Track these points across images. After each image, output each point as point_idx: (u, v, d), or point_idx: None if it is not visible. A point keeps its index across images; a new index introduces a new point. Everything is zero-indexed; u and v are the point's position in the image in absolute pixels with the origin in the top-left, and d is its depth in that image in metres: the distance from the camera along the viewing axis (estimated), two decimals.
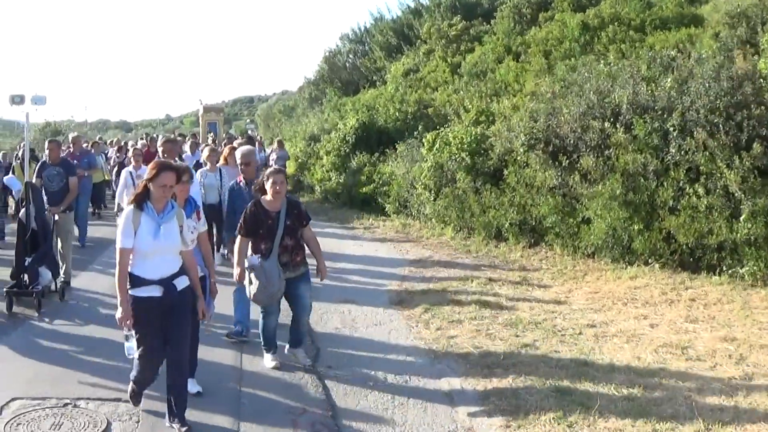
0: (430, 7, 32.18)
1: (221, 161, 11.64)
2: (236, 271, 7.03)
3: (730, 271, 9.69)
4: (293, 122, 32.26)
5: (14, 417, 5.90)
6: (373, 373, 7.05)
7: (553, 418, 5.67)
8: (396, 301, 9.76)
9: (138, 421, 5.84)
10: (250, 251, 6.97)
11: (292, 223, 6.95)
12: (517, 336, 7.87)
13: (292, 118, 34.48)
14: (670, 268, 10.32)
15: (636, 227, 10.69)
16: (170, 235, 5.52)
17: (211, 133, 21.83)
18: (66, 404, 6.16)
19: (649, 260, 10.66)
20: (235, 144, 13.25)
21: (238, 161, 8.51)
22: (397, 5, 61.75)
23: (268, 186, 6.93)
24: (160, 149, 9.43)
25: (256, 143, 19.47)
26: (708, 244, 9.91)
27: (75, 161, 13.25)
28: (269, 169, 7.15)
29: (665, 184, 10.43)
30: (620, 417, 5.66)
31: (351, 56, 36.37)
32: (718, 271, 9.81)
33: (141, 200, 5.46)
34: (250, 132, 44.30)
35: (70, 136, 16.64)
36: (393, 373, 6.99)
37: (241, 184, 8.27)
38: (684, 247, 10.22)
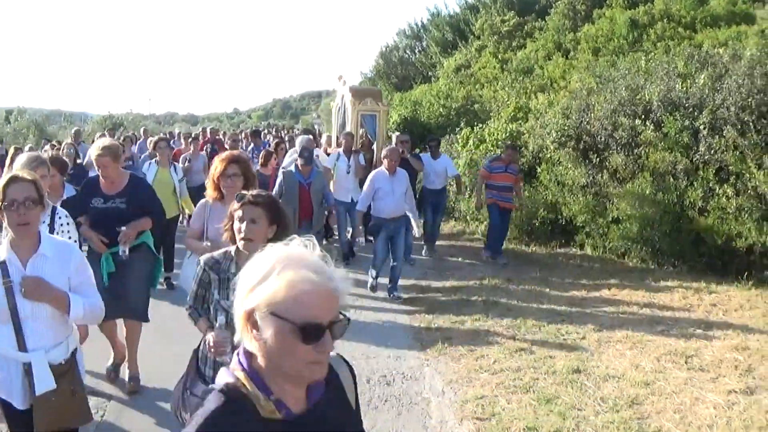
0: (486, 2, 31.68)
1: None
2: None
3: (759, 276, 9.20)
4: None
5: None
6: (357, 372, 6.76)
7: (525, 428, 5.34)
8: (405, 300, 9.41)
9: (102, 416, 5.72)
10: None
11: None
12: (515, 339, 7.48)
13: None
14: (698, 272, 9.85)
15: (665, 228, 10.23)
16: None
17: (364, 131, 16.16)
18: None
19: (677, 263, 10.19)
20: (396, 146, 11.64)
21: None
22: (455, 1, 60.32)
23: None
24: None
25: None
26: (737, 247, 9.42)
27: None
28: None
29: (695, 184, 9.97)
30: None
31: (407, 52, 36.03)
32: (746, 275, 9.29)
33: None
34: (317, 127, 44.00)
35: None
36: (377, 374, 6.73)
37: None
38: (713, 250, 9.75)
